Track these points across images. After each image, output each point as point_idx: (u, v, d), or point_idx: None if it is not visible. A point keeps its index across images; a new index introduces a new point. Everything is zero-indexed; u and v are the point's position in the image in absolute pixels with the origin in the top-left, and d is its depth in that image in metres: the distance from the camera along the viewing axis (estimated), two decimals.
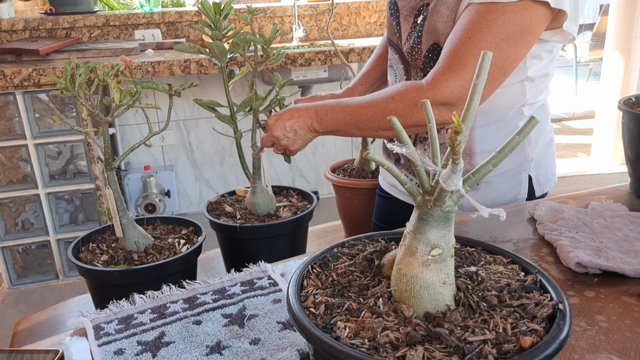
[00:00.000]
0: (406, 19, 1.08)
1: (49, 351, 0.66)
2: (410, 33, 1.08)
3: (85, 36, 2.81)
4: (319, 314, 0.50)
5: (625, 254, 0.79)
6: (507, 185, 1.10)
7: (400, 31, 1.10)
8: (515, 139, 0.45)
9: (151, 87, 0.95)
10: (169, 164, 3.12)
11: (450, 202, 0.49)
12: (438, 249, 0.50)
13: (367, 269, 0.57)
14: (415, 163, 0.49)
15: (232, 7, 1.01)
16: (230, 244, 1.08)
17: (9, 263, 2.45)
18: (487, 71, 0.46)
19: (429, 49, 1.03)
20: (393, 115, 0.90)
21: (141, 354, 0.65)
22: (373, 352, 0.45)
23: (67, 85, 0.89)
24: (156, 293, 0.78)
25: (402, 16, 1.09)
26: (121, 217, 0.95)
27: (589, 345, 0.62)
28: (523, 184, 1.11)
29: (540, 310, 0.49)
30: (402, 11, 1.09)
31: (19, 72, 2.13)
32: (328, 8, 3.06)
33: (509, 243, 0.88)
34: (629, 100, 1.09)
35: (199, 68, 2.36)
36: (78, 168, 2.44)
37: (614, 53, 3.29)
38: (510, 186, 1.10)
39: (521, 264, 0.57)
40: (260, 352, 0.65)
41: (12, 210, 2.45)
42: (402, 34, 1.10)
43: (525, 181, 1.11)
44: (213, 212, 1.10)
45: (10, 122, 2.29)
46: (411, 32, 1.07)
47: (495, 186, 1.09)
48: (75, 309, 1.01)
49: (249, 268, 0.84)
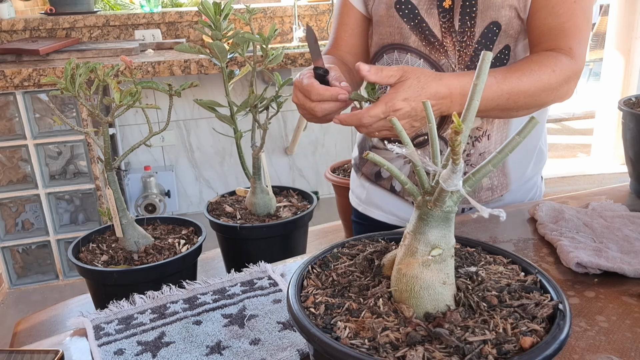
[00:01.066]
0: (429, 12, 0.95)
1: (49, 351, 0.66)
2: (447, 22, 0.94)
3: (85, 36, 2.81)
4: (319, 314, 0.50)
5: (626, 254, 0.79)
6: (528, 190, 1.11)
7: (424, 29, 0.96)
8: (516, 139, 0.45)
9: (151, 87, 0.95)
10: (169, 164, 3.11)
11: (450, 202, 0.49)
12: (438, 249, 0.50)
13: (367, 269, 0.57)
14: (416, 163, 0.49)
15: (232, 7, 1.01)
16: (230, 244, 1.08)
17: (9, 263, 2.45)
18: (487, 71, 0.46)
19: (484, 32, 0.93)
20: (551, 90, 0.84)
21: (141, 354, 0.65)
22: (373, 352, 0.45)
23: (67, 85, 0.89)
24: (156, 293, 0.78)
25: (422, 11, 0.95)
26: (121, 217, 0.95)
27: (589, 346, 0.62)
28: (538, 184, 1.12)
29: (540, 310, 0.49)
30: (420, 6, 0.95)
31: (19, 72, 2.13)
32: (328, 8, 3.06)
33: (509, 243, 0.88)
34: (629, 100, 1.09)
35: (199, 68, 2.36)
36: (78, 168, 2.44)
37: (614, 53, 3.29)
38: (529, 189, 1.11)
39: (521, 264, 0.57)
40: (260, 352, 0.65)
41: (12, 211, 2.45)
42: (432, 29, 0.95)
43: (540, 182, 1.13)
44: (213, 212, 1.10)
45: (10, 122, 2.29)
46: (447, 21, 0.94)
47: (519, 194, 1.09)
48: (75, 309, 1.01)
49: (249, 268, 0.84)
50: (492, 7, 0.91)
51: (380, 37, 1.02)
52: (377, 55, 1.04)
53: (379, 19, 1.00)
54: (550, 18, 0.89)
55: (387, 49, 1.01)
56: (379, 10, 0.99)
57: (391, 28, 0.99)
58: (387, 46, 1.01)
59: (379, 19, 1.00)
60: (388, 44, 1.00)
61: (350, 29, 1.07)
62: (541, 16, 0.90)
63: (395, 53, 1.00)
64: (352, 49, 1.08)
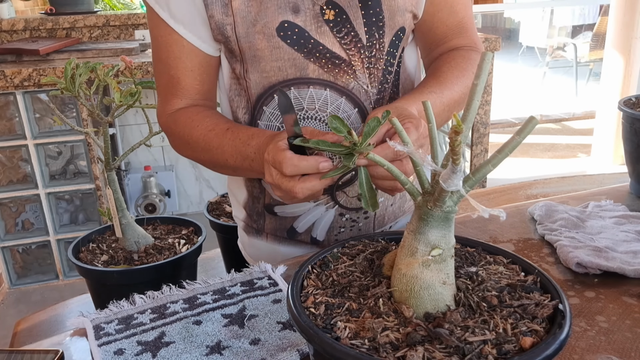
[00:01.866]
0: (320, 31, 0.80)
1: (49, 351, 0.66)
2: (348, 37, 0.81)
3: (85, 36, 2.81)
4: (319, 314, 0.50)
5: (625, 254, 0.79)
6: None
7: (323, 52, 0.81)
8: (515, 139, 0.45)
9: (151, 87, 0.95)
10: (169, 164, 3.11)
11: (451, 202, 0.49)
12: (438, 249, 0.50)
13: (367, 269, 0.57)
14: (416, 163, 0.49)
15: None
16: (230, 244, 1.08)
17: (9, 263, 2.45)
18: (487, 71, 0.46)
19: (392, 41, 0.85)
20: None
21: (141, 354, 0.65)
22: (373, 352, 0.45)
23: (67, 85, 0.89)
24: (156, 293, 0.78)
25: (313, 32, 0.80)
26: (121, 217, 0.95)
27: (589, 346, 0.62)
28: None
29: (540, 310, 0.49)
30: (307, 27, 0.80)
31: (19, 72, 2.13)
32: None
33: (509, 243, 0.88)
34: (629, 100, 1.09)
35: None
36: (78, 168, 2.44)
37: (614, 53, 3.29)
38: None
39: (521, 264, 0.57)
40: (260, 352, 0.65)
41: (12, 210, 2.45)
42: (332, 50, 0.81)
43: None
44: (213, 212, 1.10)
45: (10, 122, 2.29)
46: (346, 35, 0.81)
47: None
48: (75, 309, 1.01)
49: (249, 268, 0.84)
50: (398, 12, 0.83)
51: (263, 75, 0.83)
52: (263, 98, 0.85)
53: (256, 53, 0.80)
54: (451, 17, 0.90)
55: (277, 87, 0.83)
56: (254, 43, 0.80)
57: (279, 62, 0.81)
58: (277, 84, 0.83)
59: (256, 54, 0.81)
60: (279, 81, 0.82)
61: (198, 75, 0.86)
62: (442, 16, 0.90)
63: (292, 90, 0.83)
64: (208, 96, 0.89)
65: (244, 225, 1.00)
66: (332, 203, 0.91)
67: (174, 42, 0.83)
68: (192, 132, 0.84)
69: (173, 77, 0.86)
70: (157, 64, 0.88)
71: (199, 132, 0.83)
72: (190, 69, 0.85)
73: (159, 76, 0.88)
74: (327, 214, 0.92)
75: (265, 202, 0.93)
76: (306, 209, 0.92)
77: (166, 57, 0.85)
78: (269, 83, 0.83)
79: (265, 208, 0.94)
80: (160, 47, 0.85)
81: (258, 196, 0.94)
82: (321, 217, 0.92)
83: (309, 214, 0.92)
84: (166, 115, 0.88)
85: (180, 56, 0.84)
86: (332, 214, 0.92)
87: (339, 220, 0.92)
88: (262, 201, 0.94)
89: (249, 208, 0.96)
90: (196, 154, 0.86)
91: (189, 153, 0.88)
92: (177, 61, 0.85)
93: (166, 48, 0.84)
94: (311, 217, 0.92)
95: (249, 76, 0.84)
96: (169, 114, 0.88)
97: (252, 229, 0.98)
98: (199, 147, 0.84)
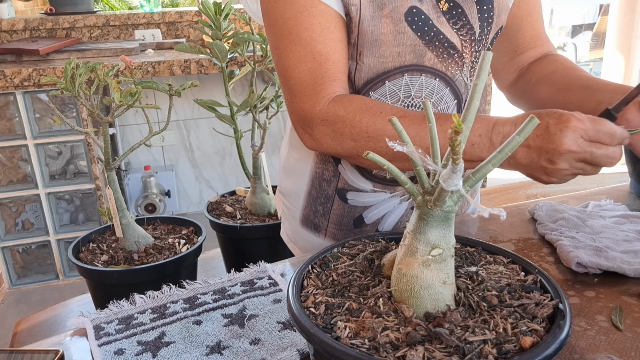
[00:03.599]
0: (439, 21, 0.81)
1: (49, 351, 0.66)
2: (463, 30, 0.83)
3: (85, 36, 2.81)
4: (319, 314, 0.50)
5: (626, 253, 0.79)
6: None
7: (442, 42, 0.81)
8: (516, 139, 0.45)
9: (151, 87, 0.95)
10: (169, 164, 3.12)
11: (451, 202, 0.49)
12: (438, 249, 0.50)
13: (367, 269, 0.57)
14: (416, 162, 0.49)
15: (233, 7, 1.01)
16: (230, 244, 1.08)
17: (9, 263, 2.45)
18: (487, 71, 0.46)
19: (492, 39, 0.88)
20: None
21: (141, 354, 0.65)
22: (373, 352, 0.45)
23: (67, 85, 0.89)
24: (156, 293, 0.78)
25: (435, 20, 0.81)
26: (121, 217, 0.95)
27: (589, 345, 0.62)
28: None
29: (540, 310, 0.49)
30: (431, 15, 0.80)
31: (19, 72, 2.13)
32: None
33: (509, 243, 0.88)
34: None
35: (199, 68, 2.36)
36: (78, 168, 2.44)
37: (614, 53, 3.29)
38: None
39: (521, 264, 0.57)
40: (261, 352, 0.65)
41: (12, 210, 2.45)
42: (450, 40, 0.82)
43: None
44: (213, 212, 1.10)
45: (10, 122, 2.29)
46: (461, 28, 0.82)
47: None
48: (75, 309, 1.01)
49: (249, 268, 0.84)
50: (504, 11, 0.86)
51: (380, 60, 0.81)
52: (372, 83, 0.83)
53: (378, 37, 0.79)
54: (538, 23, 0.94)
55: (392, 74, 0.82)
56: (379, 26, 0.79)
57: (400, 47, 0.80)
58: (392, 70, 0.82)
59: (378, 38, 0.79)
60: (394, 67, 0.81)
61: (345, 47, 0.82)
62: (532, 20, 0.93)
63: (404, 77, 0.82)
64: (346, 69, 0.84)
65: (302, 216, 0.96)
66: (406, 196, 0.89)
67: (319, 12, 0.78)
68: (376, 120, 0.76)
69: (321, 55, 0.79)
70: (294, 50, 0.80)
71: (384, 120, 0.76)
72: (339, 39, 0.80)
73: (297, 64, 0.80)
74: (399, 207, 0.90)
75: (338, 186, 0.91)
76: (380, 200, 0.89)
77: (310, 33, 0.79)
78: (384, 68, 0.81)
79: (337, 192, 0.91)
80: (302, 26, 0.78)
81: (329, 179, 0.91)
82: (393, 210, 0.90)
83: (381, 205, 0.89)
84: (325, 104, 0.79)
85: (329, 26, 0.79)
86: (404, 207, 0.91)
87: (408, 215, 0.91)
88: (335, 184, 0.91)
89: (315, 191, 0.93)
90: (378, 144, 0.77)
91: (363, 144, 0.78)
92: (325, 32, 0.79)
93: (310, 22, 0.78)
94: (382, 208, 0.90)
95: (363, 59, 0.81)
96: (329, 101, 0.79)
97: (310, 222, 0.95)
98: (382, 136, 0.76)
